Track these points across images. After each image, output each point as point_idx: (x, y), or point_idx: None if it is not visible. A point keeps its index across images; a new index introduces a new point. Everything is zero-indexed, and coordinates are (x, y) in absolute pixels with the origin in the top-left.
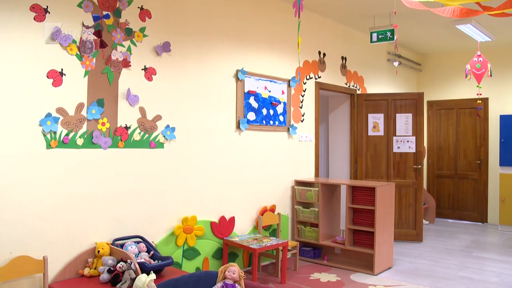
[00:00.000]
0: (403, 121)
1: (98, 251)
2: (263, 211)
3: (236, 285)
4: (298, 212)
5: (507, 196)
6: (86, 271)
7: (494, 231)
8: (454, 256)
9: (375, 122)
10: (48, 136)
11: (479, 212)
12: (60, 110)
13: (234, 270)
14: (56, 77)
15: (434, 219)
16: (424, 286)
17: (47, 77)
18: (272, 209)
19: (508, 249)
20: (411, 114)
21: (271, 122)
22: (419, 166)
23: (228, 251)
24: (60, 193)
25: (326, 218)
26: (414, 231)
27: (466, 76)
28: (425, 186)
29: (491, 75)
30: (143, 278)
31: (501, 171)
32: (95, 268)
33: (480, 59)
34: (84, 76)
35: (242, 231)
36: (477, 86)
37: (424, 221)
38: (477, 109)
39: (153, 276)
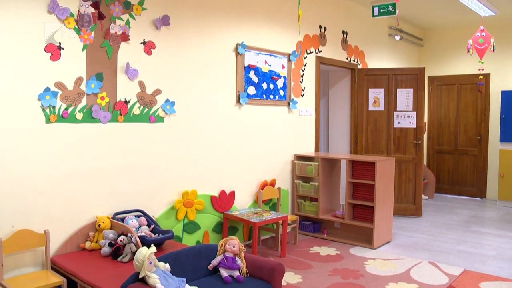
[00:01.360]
0: (404, 96)
1: (99, 225)
2: (263, 185)
3: (236, 258)
4: (298, 186)
5: (506, 172)
6: (87, 244)
7: (492, 206)
8: (452, 231)
9: (376, 97)
10: (47, 110)
11: (478, 187)
12: (58, 85)
13: (234, 243)
14: (54, 51)
15: (433, 194)
16: (422, 259)
17: (45, 51)
18: (272, 184)
19: (505, 223)
20: (412, 89)
21: (271, 97)
22: (419, 142)
23: (228, 225)
24: (60, 168)
25: (326, 192)
26: (414, 206)
27: (468, 51)
28: (425, 161)
29: (494, 50)
30: (143, 251)
31: (501, 147)
32: (96, 242)
33: (483, 34)
34: (83, 50)
35: (242, 205)
36: (479, 62)
37: (423, 196)
38: (478, 84)
39: (153, 249)
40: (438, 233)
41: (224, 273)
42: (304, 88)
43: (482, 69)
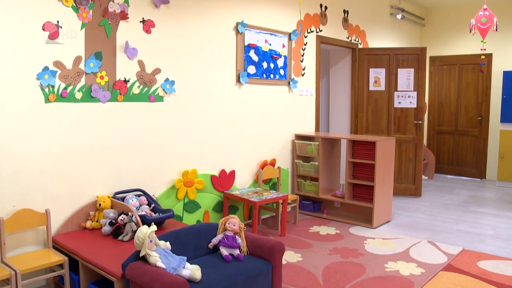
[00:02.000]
0: (405, 76)
1: (100, 204)
2: (263, 165)
3: (237, 236)
4: (298, 166)
5: (506, 153)
6: (88, 224)
7: (492, 186)
8: (451, 211)
9: (377, 77)
10: (46, 90)
11: (478, 168)
12: (57, 64)
13: (234, 222)
14: (52, 29)
15: (433, 174)
16: (421, 239)
17: (43, 29)
18: (272, 163)
19: (504, 204)
20: (413, 69)
21: (272, 76)
22: (420, 122)
23: (228, 204)
24: (60, 147)
25: (326, 172)
26: (413, 186)
27: (470, 31)
28: (425, 141)
29: (496, 30)
30: (144, 230)
31: (502, 127)
32: (97, 221)
33: (486, 13)
34: (81, 28)
35: (242, 185)
36: (482, 41)
37: (423, 176)
38: (480, 65)
39: (154, 227)
40: (437, 213)
41: (224, 251)
42: (305, 67)
43: (484, 49)
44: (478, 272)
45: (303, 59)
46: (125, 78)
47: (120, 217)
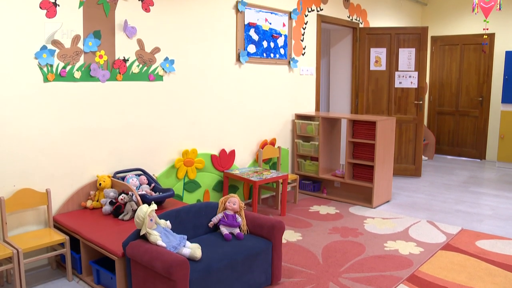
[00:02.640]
0: (406, 56)
1: (100, 184)
2: (263, 145)
3: (237, 215)
4: (298, 145)
5: (506, 133)
6: (89, 203)
7: (491, 167)
8: (451, 191)
9: (377, 57)
10: (45, 69)
11: (478, 149)
12: (55, 43)
13: (234, 201)
14: (50, 7)
15: (433, 155)
16: (421, 218)
17: (40, 7)
18: (272, 143)
19: (504, 184)
20: (414, 49)
21: (272, 55)
22: (420, 102)
23: (228, 184)
24: (60, 127)
25: (326, 152)
26: (413, 166)
27: (473, 10)
28: (425, 122)
29: (500, 9)
30: (144, 209)
31: (503, 108)
32: (97, 201)
33: None
34: (79, 7)
35: (242, 164)
36: (484, 21)
37: (423, 157)
38: (482, 44)
39: (154, 206)
40: (437, 193)
41: (224, 230)
42: (305, 47)
43: (487, 29)
44: (476, 251)
45: (303, 38)
46: (124, 57)
47: (121, 197)
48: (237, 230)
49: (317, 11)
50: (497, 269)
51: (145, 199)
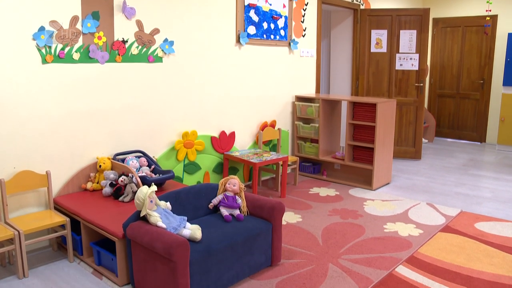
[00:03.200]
0: (407, 38)
1: (100, 166)
2: (263, 127)
3: (237, 197)
4: (298, 127)
5: (507, 116)
6: (89, 185)
7: (491, 150)
8: (451, 174)
9: (378, 39)
10: (43, 50)
11: (478, 132)
12: (53, 23)
13: (234, 182)
14: None
15: (433, 138)
16: (420, 201)
17: None
18: (273, 125)
19: (503, 167)
20: (415, 31)
21: (272, 37)
22: (421, 84)
23: (228, 166)
24: (59, 109)
25: (326, 134)
26: (413, 148)
27: None
28: (426, 105)
29: None
30: (144, 190)
31: (504, 91)
32: (97, 183)
33: None
34: None
35: (242, 146)
36: (487, 2)
37: (423, 139)
38: (484, 26)
39: (154, 187)
40: (436, 176)
41: (224, 211)
42: (306, 28)
43: (490, 10)
44: (475, 233)
45: (304, 19)
46: (123, 38)
47: (121, 178)
48: (237, 212)
49: None
50: (495, 250)
51: (145, 181)
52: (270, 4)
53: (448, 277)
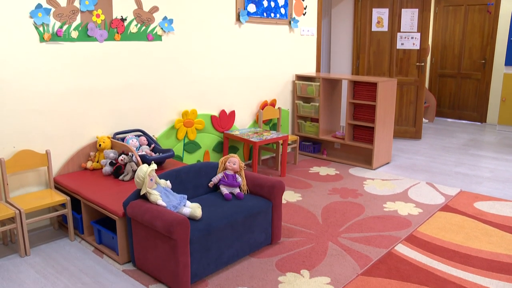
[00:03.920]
0: (409, 16)
1: (100, 145)
2: (264, 105)
3: (237, 175)
4: (299, 107)
5: (508, 96)
6: (89, 164)
7: (492, 130)
8: (450, 153)
9: (379, 17)
10: (41, 28)
11: (479, 112)
12: (51, 1)
13: (234, 161)
14: None
15: (433, 118)
16: (420, 180)
17: None
18: (273, 104)
19: (503, 147)
20: (417, 10)
21: (272, 15)
22: (422, 64)
23: (228, 145)
24: (58, 87)
25: (326, 113)
26: (414, 128)
27: None
28: (426, 84)
29: None
30: (144, 168)
31: (506, 71)
32: (97, 162)
33: None
34: None
35: (242, 125)
36: None
37: (423, 119)
38: (487, 5)
39: (154, 166)
40: (436, 156)
41: (224, 190)
42: (306, 6)
43: None
44: (474, 212)
45: None
46: (122, 16)
47: (121, 157)
48: (237, 190)
49: None
50: (493, 229)
51: (145, 160)
52: None
53: (446, 255)
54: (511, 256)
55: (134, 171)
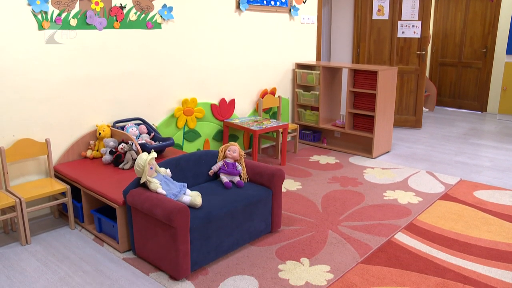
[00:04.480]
0: (410, 4)
1: (99, 133)
2: (264, 94)
3: (237, 164)
4: (299, 95)
5: (509, 85)
6: (89, 153)
7: (492, 119)
8: (451, 142)
9: (380, 5)
10: (39, 16)
11: (480, 101)
12: None
13: (234, 149)
14: None
15: (434, 107)
16: (420, 169)
17: None
18: (273, 92)
19: (504, 136)
20: None
21: (272, 3)
22: (423, 53)
23: (228, 133)
24: (57, 76)
25: (326, 101)
26: (414, 117)
27: None
28: (427, 73)
29: None
30: (144, 157)
31: (507, 59)
32: (97, 150)
33: None
34: None
35: (242, 114)
36: None
37: (424, 108)
38: None
39: (154, 154)
40: (436, 145)
41: (224, 178)
42: None
43: None
44: (473, 201)
45: None
46: (121, 4)
47: (120, 146)
48: (237, 178)
49: None
50: (493, 218)
51: (145, 148)
52: None
53: (446, 243)
54: (510, 245)
55: (134, 160)
